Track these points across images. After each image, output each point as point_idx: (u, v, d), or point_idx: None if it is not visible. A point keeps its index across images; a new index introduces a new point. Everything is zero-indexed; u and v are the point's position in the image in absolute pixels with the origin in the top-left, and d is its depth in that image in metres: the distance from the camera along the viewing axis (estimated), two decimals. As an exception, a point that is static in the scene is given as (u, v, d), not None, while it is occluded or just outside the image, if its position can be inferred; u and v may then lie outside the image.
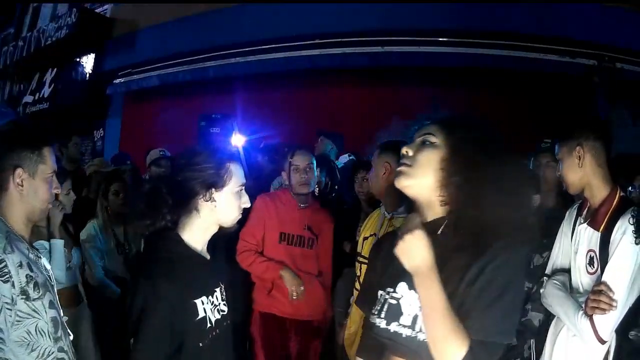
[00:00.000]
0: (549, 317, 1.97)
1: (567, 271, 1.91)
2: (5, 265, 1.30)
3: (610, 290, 1.63)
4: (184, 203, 1.47)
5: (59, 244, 2.41)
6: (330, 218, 2.83)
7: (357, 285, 2.29)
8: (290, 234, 2.70)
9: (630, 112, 5.35)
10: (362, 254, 2.30)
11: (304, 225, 2.70)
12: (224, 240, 1.64)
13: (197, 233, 1.50)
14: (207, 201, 1.47)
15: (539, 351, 2.03)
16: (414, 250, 1.09)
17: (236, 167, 1.53)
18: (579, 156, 1.81)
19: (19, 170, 1.43)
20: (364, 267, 2.26)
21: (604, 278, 1.67)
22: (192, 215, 1.48)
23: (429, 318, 1.08)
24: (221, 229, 1.55)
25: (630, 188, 2.76)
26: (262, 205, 2.74)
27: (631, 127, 5.33)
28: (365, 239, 2.32)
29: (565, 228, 1.98)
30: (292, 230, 2.70)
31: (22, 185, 1.44)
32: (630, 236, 1.66)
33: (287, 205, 2.73)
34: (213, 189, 1.47)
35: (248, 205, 1.57)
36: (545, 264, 2.04)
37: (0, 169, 1.42)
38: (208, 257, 1.55)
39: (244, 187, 1.55)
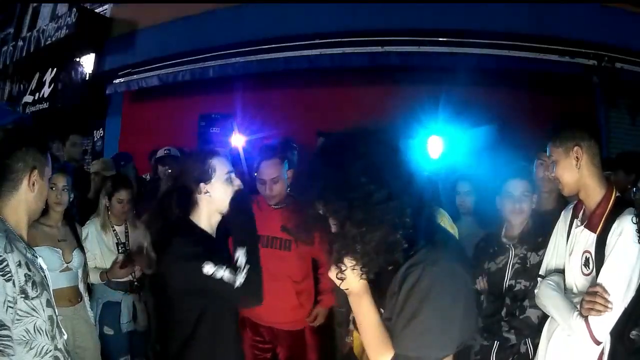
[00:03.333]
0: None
1: (562, 272, 1.91)
2: (7, 265, 1.31)
3: (606, 291, 1.63)
4: (189, 199, 1.79)
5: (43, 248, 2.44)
6: None
7: None
8: (265, 235, 2.58)
9: (630, 112, 5.36)
10: None
11: (278, 227, 2.54)
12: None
13: (204, 219, 1.82)
14: (203, 194, 1.78)
15: (537, 345, 2.04)
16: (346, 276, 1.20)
17: (219, 159, 1.81)
18: (577, 157, 1.77)
19: (35, 171, 1.45)
20: None
21: (599, 279, 1.67)
22: (196, 207, 1.81)
23: (360, 328, 1.23)
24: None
25: (634, 189, 2.74)
26: None
27: (630, 127, 5.34)
28: None
29: (560, 229, 1.97)
30: (267, 232, 2.58)
31: (33, 185, 1.45)
32: (626, 238, 1.65)
33: (263, 207, 2.64)
34: (202, 184, 1.77)
35: (240, 186, 1.83)
36: (541, 262, 2.05)
37: (15, 170, 1.43)
38: (214, 236, 1.86)
39: (232, 174, 1.83)
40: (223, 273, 1.63)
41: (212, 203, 1.79)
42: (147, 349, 3.29)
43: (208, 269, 1.63)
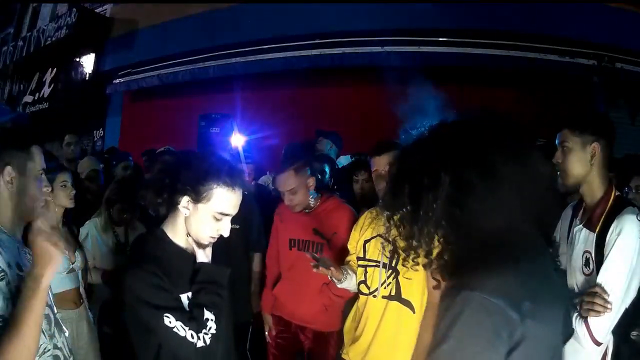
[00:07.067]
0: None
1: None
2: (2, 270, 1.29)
3: (605, 292, 1.61)
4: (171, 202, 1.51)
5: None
6: (349, 217, 2.54)
7: (364, 289, 2.22)
8: (299, 239, 2.61)
9: (630, 112, 5.36)
10: (366, 257, 2.19)
11: (311, 230, 2.57)
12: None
13: (180, 233, 1.54)
14: (183, 207, 1.48)
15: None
16: None
17: (222, 191, 1.45)
18: (593, 153, 1.76)
19: (8, 168, 1.42)
20: (370, 269, 2.16)
21: (598, 279, 1.65)
22: (173, 216, 1.53)
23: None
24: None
25: (625, 189, 2.73)
26: (276, 213, 2.76)
27: (630, 127, 5.34)
28: (367, 241, 2.19)
29: (561, 229, 1.97)
30: (301, 236, 2.61)
31: (11, 184, 1.42)
32: (626, 237, 1.64)
33: (292, 211, 2.63)
34: (189, 198, 1.46)
35: (224, 234, 1.49)
36: None
37: None
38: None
39: (226, 217, 1.48)
40: (186, 332, 1.38)
41: (186, 222, 1.49)
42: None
43: (169, 321, 1.38)
